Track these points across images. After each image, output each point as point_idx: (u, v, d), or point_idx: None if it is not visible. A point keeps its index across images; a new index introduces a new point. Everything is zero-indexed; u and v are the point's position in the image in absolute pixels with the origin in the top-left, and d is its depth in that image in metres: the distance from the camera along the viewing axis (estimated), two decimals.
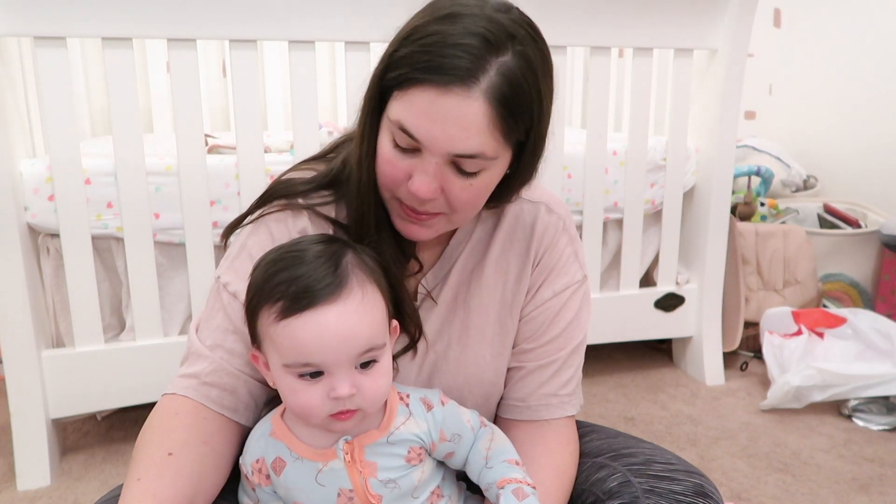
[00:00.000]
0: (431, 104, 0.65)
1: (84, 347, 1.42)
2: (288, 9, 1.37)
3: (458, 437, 0.74)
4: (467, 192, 0.71)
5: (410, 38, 0.67)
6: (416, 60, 0.65)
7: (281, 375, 0.67)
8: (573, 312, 0.86)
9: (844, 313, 1.89)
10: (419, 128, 0.66)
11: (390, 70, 0.68)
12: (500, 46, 0.65)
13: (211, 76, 2.34)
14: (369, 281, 0.68)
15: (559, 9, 1.55)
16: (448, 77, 0.64)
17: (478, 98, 0.65)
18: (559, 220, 0.87)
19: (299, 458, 0.70)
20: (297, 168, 0.84)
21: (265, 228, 0.78)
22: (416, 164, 0.69)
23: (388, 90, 0.69)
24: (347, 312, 0.64)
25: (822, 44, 2.58)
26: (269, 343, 0.67)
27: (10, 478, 1.41)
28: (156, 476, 0.67)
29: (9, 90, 1.33)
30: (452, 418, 0.75)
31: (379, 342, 0.67)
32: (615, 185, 1.76)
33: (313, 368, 0.64)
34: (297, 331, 0.63)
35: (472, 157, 0.68)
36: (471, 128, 0.66)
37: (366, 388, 0.66)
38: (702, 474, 0.77)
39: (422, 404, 0.74)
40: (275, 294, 0.65)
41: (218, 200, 1.44)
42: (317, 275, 0.64)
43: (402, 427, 0.71)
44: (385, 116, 0.70)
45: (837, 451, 1.53)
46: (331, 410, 0.65)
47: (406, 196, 0.72)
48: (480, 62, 0.64)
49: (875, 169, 2.40)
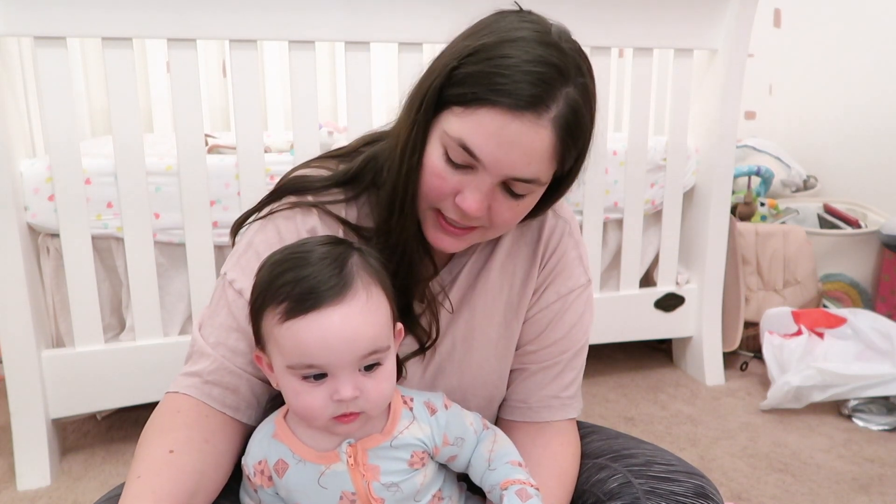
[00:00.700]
0: (502, 128, 0.65)
1: (84, 347, 1.42)
2: (288, 9, 1.37)
3: (461, 440, 0.74)
4: (512, 211, 0.72)
5: (480, 56, 0.67)
6: (488, 81, 0.65)
7: (284, 377, 0.66)
8: (577, 316, 0.86)
9: (844, 313, 1.89)
10: (484, 149, 0.67)
11: (453, 86, 0.68)
12: (568, 77, 0.67)
13: (211, 76, 2.34)
14: (374, 283, 0.68)
15: (560, 9, 1.53)
16: (522, 103, 0.65)
17: (546, 126, 0.66)
18: (565, 223, 0.87)
19: (302, 461, 0.70)
20: (310, 164, 0.83)
21: (273, 226, 0.78)
22: (469, 181, 0.69)
23: (445, 104, 0.69)
24: (352, 314, 0.64)
25: (822, 44, 2.58)
26: (272, 344, 0.66)
27: (10, 478, 1.41)
28: (156, 473, 0.68)
29: (9, 90, 1.33)
30: (456, 422, 0.74)
31: (383, 345, 0.67)
32: (615, 185, 1.76)
33: (317, 370, 0.64)
34: (300, 332, 0.63)
35: (529, 181, 0.69)
36: (535, 154, 0.67)
37: (369, 390, 0.65)
38: (702, 475, 0.77)
39: (425, 408, 0.73)
40: (279, 295, 0.64)
41: (218, 200, 1.44)
42: (322, 276, 0.64)
43: (406, 431, 0.71)
44: (437, 129, 0.70)
45: (837, 451, 1.53)
46: (334, 413, 0.65)
47: (450, 209, 0.72)
48: (552, 91, 0.66)
49: (875, 169, 2.40)
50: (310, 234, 0.77)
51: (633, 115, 1.72)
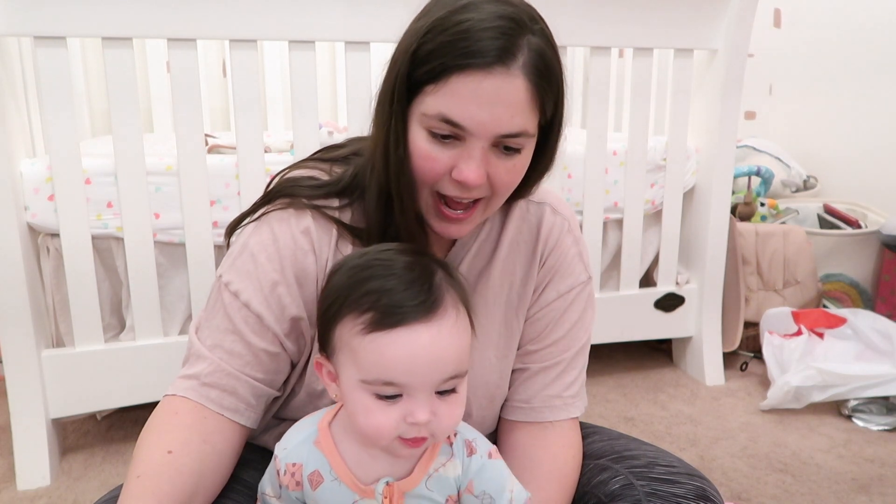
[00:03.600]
0: (476, 88, 0.66)
1: (84, 347, 1.42)
2: (288, 9, 1.37)
3: (489, 498, 0.68)
4: (510, 172, 0.72)
5: (436, 31, 0.67)
6: (452, 49, 0.66)
7: (355, 391, 0.62)
8: (578, 314, 0.86)
9: (844, 313, 1.89)
10: (465, 114, 0.67)
11: (419, 66, 0.68)
12: (525, 25, 0.67)
13: (211, 76, 2.33)
14: (461, 302, 0.64)
15: (559, 9, 1.55)
16: (489, 59, 0.65)
17: (518, 75, 0.67)
18: (564, 220, 0.87)
19: (338, 480, 0.66)
20: (299, 165, 0.83)
21: (268, 227, 0.77)
22: (460, 153, 0.69)
23: (416, 87, 0.69)
24: (441, 334, 0.61)
25: (822, 44, 2.58)
26: (347, 354, 0.63)
27: (10, 478, 1.41)
28: (155, 473, 0.67)
29: (9, 90, 1.33)
30: (493, 477, 0.69)
31: (463, 369, 0.63)
32: (615, 185, 1.76)
33: (395, 390, 0.60)
34: (386, 347, 0.60)
35: (517, 135, 0.69)
36: (515, 106, 0.67)
37: (442, 415, 0.62)
38: (703, 477, 0.77)
39: (465, 447, 0.69)
40: (363, 303, 0.61)
41: (218, 200, 1.44)
42: (411, 289, 0.61)
43: (442, 469, 0.67)
44: (414, 114, 0.70)
45: (837, 451, 1.53)
46: (402, 434, 0.62)
47: (450, 187, 0.71)
48: (515, 41, 0.66)
49: (875, 169, 2.40)
50: (304, 235, 0.76)
51: (633, 115, 1.72)
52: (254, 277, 0.76)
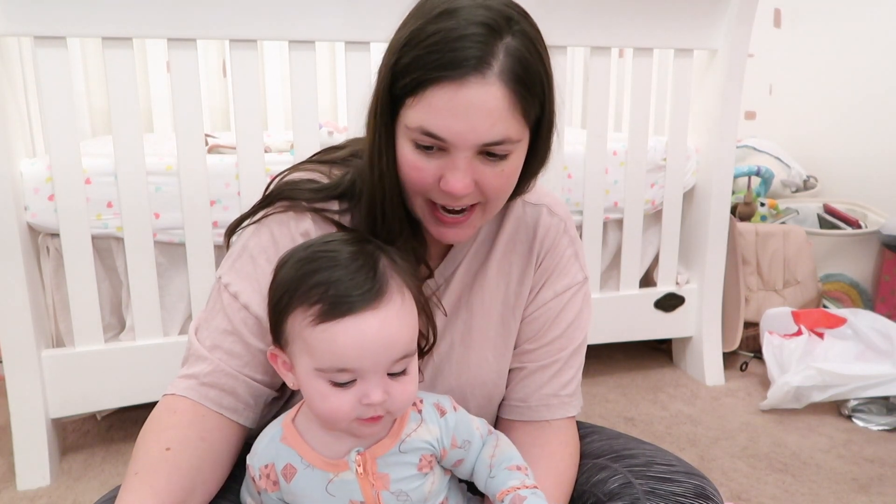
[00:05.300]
0: (451, 100, 0.65)
1: (84, 347, 1.42)
2: (288, 9, 1.37)
3: (468, 443, 0.73)
4: (499, 178, 0.71)
5: (412, 44, 0.67)
6: (426, 62, 0.65)
7: (310, 379, 0.65)
8: (574, 313, 0.86)
9: (844, 313, 1.89)
10: (443, 126, 0.66)
11: (398, 79, 0.68)
12: (502, 29, 0.66)
13: (211, 76, 2.34)
14: (405, 286, 0.67)
15: (559, 9, 1.55)
16: (462, 69, 0.65)
17: (494, 83, 0.66)
18: (560, 221, 0.87)
19: (310, 467, 0.69)
20: (297, 168, 0.84)
21: (267, 230, 0.78)
22: (446, 164, 0.69)
23: (399, 100, 0.69)
24: (389, 319, 0.63)
25: (822, 44, 2.58)
26: (300, 345, 0.65)
27: (10, 478, 1.41)
28: (153, 470, 0.68)
29: (9, 90, 1.33)
30: (464, 424, 0.74)
31: (412, 349, 0.66)
32: (615, 185, 1.76)
33: (349, 376, 0.63)
34: (336, 336, 0.62)
35: (500, 143, 0.68)
36: (493, 113, 0.66)
37: (396, 393, 0.65)
38: (702, 476, 0.77)
39: (435, 410, 0.73)
40: (311, 296, 0.63)
41: (218, 200, 1.44)
42: (357, 278, 0.63)
43: (414, 434, 0.70)
44: (400, 126, 0.70)
45: (837, 451, 1.53)
46: (360, 415, 0.65)
47: (440, 196, 0.71)
48: (488, 48, 0.65)
49: (875, 169, 2.40)
50: (304, 237, 0.77)
51: (633, 115, 1.73)
52: (253, 279, 0.76)
